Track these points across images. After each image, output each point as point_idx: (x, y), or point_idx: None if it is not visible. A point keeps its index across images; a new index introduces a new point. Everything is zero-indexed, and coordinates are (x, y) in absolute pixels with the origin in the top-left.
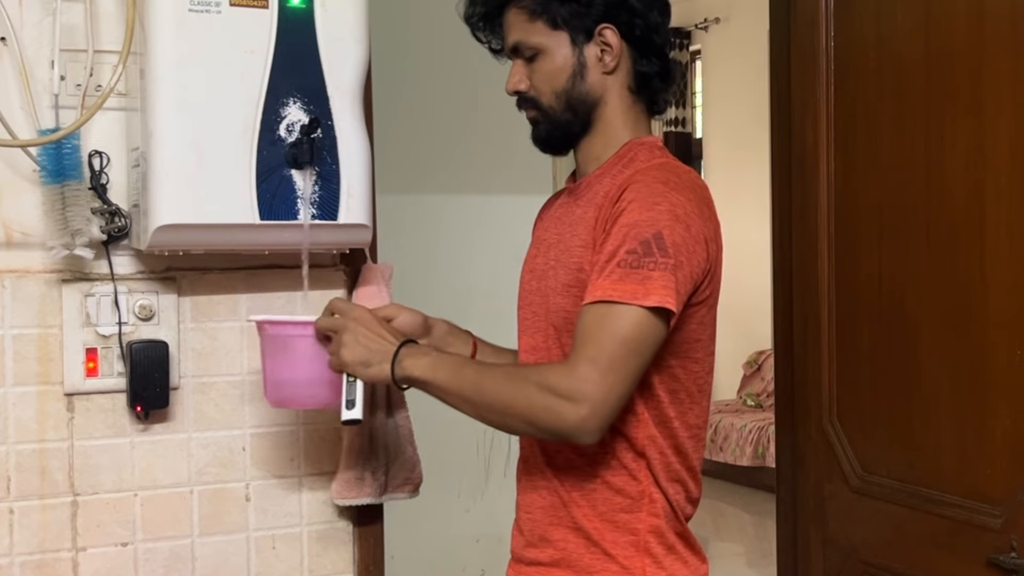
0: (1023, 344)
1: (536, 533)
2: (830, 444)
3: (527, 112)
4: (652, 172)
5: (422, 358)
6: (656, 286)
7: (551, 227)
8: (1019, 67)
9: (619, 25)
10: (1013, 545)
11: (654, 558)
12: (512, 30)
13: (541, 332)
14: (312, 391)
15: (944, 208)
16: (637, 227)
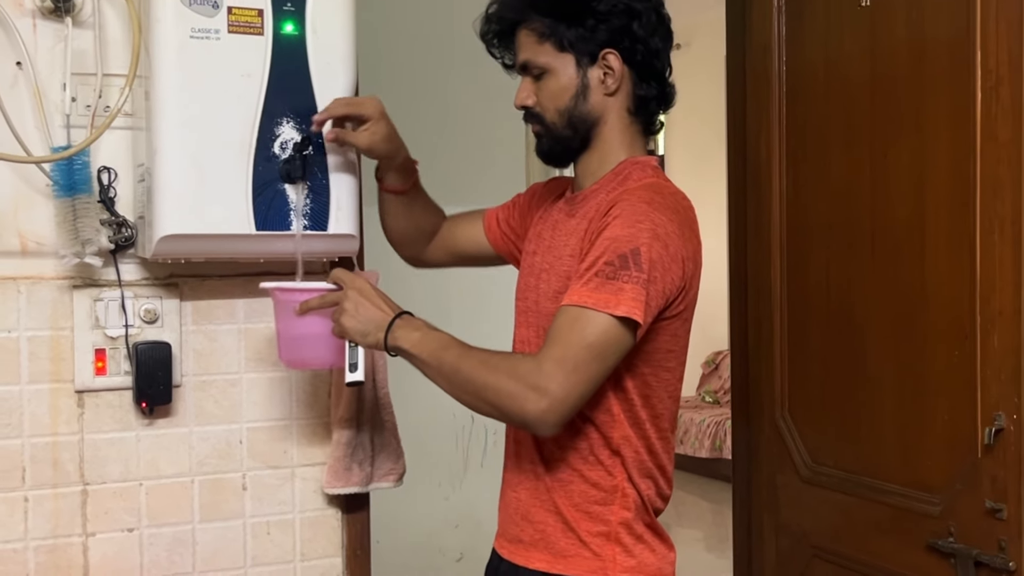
0: (960, 346)
1: (520, 512)
2: (782, 437)
3: (532, 126)
4: (640, 192)
5: (412, 332)
6: (627, 298)
7: (547, 232)
8: (956, 90)
9: (622, 50)
10: (951, 531)
11: (624, 547)
12: (522, 49)
13: (532, 329)
14: (318, 352)
15: (888, 221)
16: (618, 241)
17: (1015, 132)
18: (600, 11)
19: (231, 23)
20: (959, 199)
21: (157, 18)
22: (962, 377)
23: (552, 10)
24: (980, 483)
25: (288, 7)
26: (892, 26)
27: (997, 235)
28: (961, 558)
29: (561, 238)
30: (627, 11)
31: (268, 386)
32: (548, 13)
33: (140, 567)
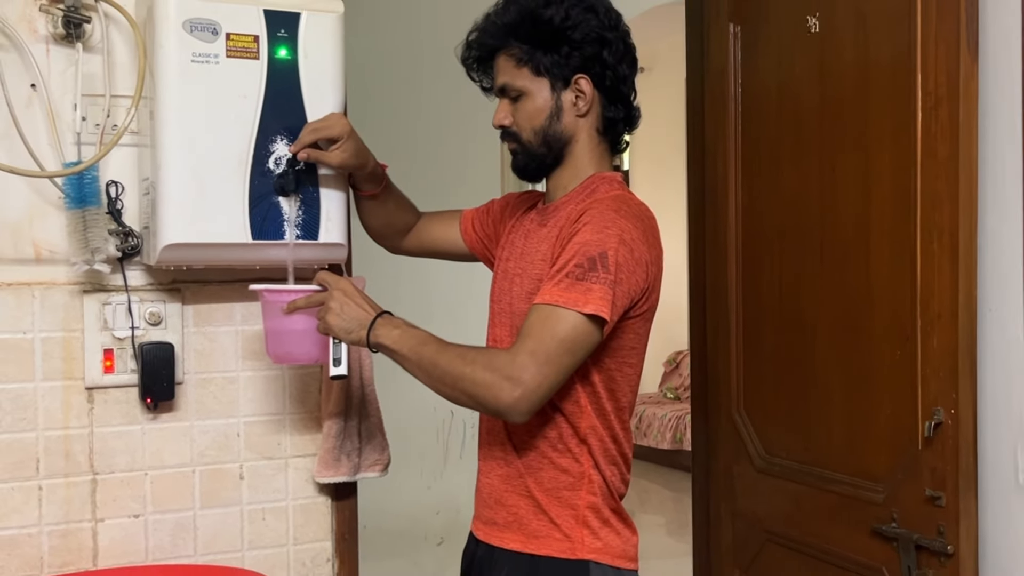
0: (902, 347)
1: (494, 496)
2: (738, 431)
3: (509, 144)
4: (608, 202)
5: (392, 330)
6: (595, 297)
7: (519, 240)
8: (898, 110)
9: (592, 76)
10: (894, 517)
11: (591, 530)
12: (501, 73)
13: (505, 328)
14: (304, 347)
15: (835, 230)
16: (587, 245)
17: (952, 149)
18: (574, 39)
19: (229, 48)
20: (901, 211)
21: (161, 44)
22: (904, 375)
23: (530, 38)
24: (920, 473)
25: (282, 34)
26: (839, 51)
27: (936, 244)
28: (903, 542)
29: (533, 245)
30: (598, 40)
31: (263, 383)
32: (526, 40)
33: (145, 550)
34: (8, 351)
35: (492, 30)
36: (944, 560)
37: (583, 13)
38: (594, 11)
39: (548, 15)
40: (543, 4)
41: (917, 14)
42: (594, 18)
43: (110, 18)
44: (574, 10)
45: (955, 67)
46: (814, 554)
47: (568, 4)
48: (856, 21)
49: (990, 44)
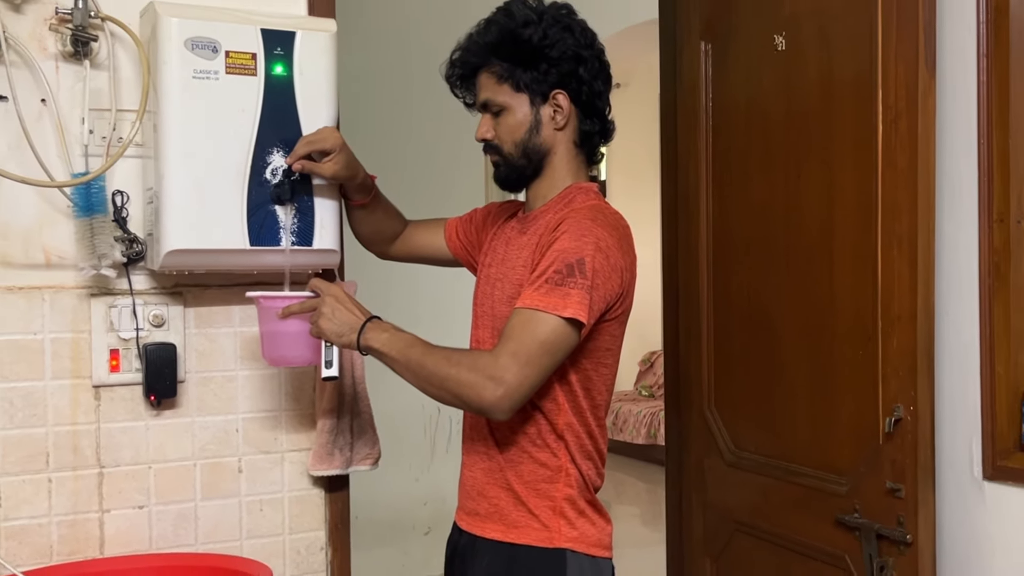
0: (863, 347)
1: (476, 488)
2: (708, 427)
3: (491, 156)
4: (585, 211)
5: (381, 334)
6: (573, 301)
7: (500, 247)
8: (860, 123)
9: (569, 91)
10: (856, 508)
11: (568, 520)
12: (483, 90)
13: (487, 330)
14: (298, 350)
15: (801, 237)
16: (565, 253)
17: (911, 160)
18: (552, 57)
19: (228, 65)
20: (862, 219)
21: (164, 61)
22: (865, 374)
23: (510, 56)
24: (881, 466)
25: (278, 52)
26: (804, 67)
27: (896, 250)
28: (865, 532)
29: (514, 252)
30: (575, 58)
31: (260, 382)
32: (507, 58)
33: (149, 539)
34: (19, 351)
35: (474, 49)
36: (903, 549)
37: (560, 32)
38: (570, 31)
39: (527, 34)
40: (522, 24)
41: (878, 33)
42: (570, 37)
43: (116, 37)
44: (551, 30)
45: (914, 83)
46: (781, 543)
47: (546, 24)
48: (820, 39)
49: (947, 61)
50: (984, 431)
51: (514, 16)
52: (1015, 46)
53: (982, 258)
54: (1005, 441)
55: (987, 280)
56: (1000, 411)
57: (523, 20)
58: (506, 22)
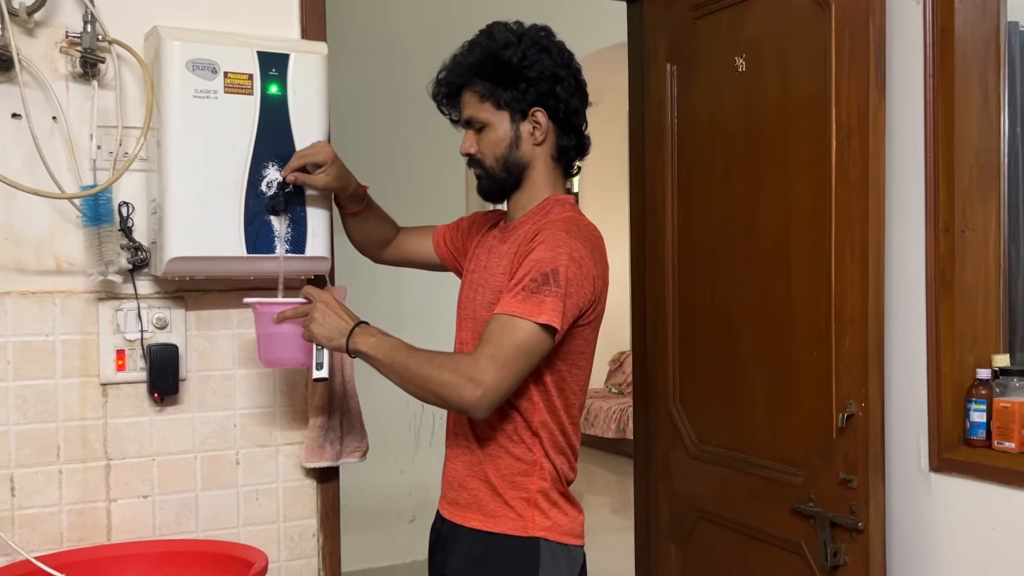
0: (818, 348)
1: (457, 480)
2: (674, 422)
3: (474, 170)
4: (560, 223)
5: (368, 338)
6: (547, 308)
7: (483, 255)
8: (815, 140)
9: (547, 108)
10: (811, 497)
11: (542, 511)
12: (466, 107)
13: (469, 332)
14: (291, 353)
15: (760, 245)
16: (541, 262)
17: (863, 174)
18: (531, 77)
19: (227, 85)
20: (817, 228)
21: (167, 81)
22: (820, 372)
23: (491, 76)
24: (835, 459)
25: (273, 72)
26: (763, 87)
27: (848, 257)
28: (819, 519)
29: (495, 259)
30: (552, 77)
31: (257, 380)
32: (488, 78)
33: (153, 527)
34: (32, 352)
35: (458, 69)
36: (855, 535)
37: (538, 53)
38: (548, 52)
39: (507, 56)
40: (502, 46)
41: (831, 55)
42: (548, 58)
43: (122, 59)
44: (530, 51)
45: (865, 102)
46: (741, 530)
47: (525, 45)
48: (778, 61)
49: (896, 81)
50: (930, 426)
51: (495, 38)
52: (959, 67)
53: (929, 265)
54: (950, 435)
55: (933, 285)
56: (945, 407)
57: (503, 42)
58: (488, 44)
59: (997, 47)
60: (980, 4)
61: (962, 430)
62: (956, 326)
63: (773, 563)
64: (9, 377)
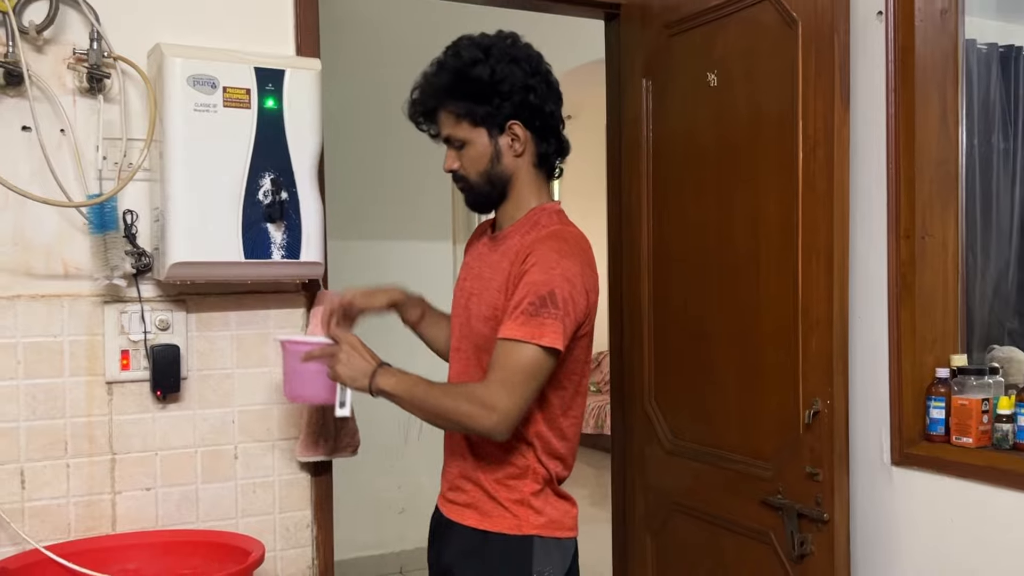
0: (786, 348)
1: (453, 482)
2: (649, 418)
3: (459, 185)
4: (550, 242)
5: (390, 378)
6: (548, 331)
7: (475, 261)
8: (782, 151)
9: (523, 120)
10: (779, 490)
11: (535, 510)
12: (444, 126)
13: (466, 339)
14: (315, 391)
15: (730, 252)
16: (537, 285)
17: (828, 184)
18: (503, 91)
19: (225, 99)
20: (785, 235)
21: (169, 96)
22: (788, 371)
23: (464, 95)
24: (802, 453)
25: (269, 87)
26: (734, 102)
27: (814, 263)
28: (787, 511)
29: (487, 269)
30: (524, 88)
31: (254, 379)
32: (461, 98)
33: (156, 518)
34: (41, 352)
35: (430, 91)
36: (821, 526)
37: (508, 66)
38: (516, 62)
39: (477, 74)
40: (471, 63)
41: (798, 72)
42: (518, 69)
43: (126, 74)
44: (499, 65)
45: (830, 116)
46: (713, 521)
47: (494, 60)
48: (748, 77)
49: (860, 97)
50: (892, 422)
51: (462, 57)
52: (919, 82)
53: (890, 269)
54: (911, 431)
55: (895, 289)
56: (906, 405)
57: (471, 60)
58: (455, 64)
59: (955, 64)
60: (939, 23)
61: (922, 426)
62: (916, 328)
63: (743, 552)
64: (19, 376)
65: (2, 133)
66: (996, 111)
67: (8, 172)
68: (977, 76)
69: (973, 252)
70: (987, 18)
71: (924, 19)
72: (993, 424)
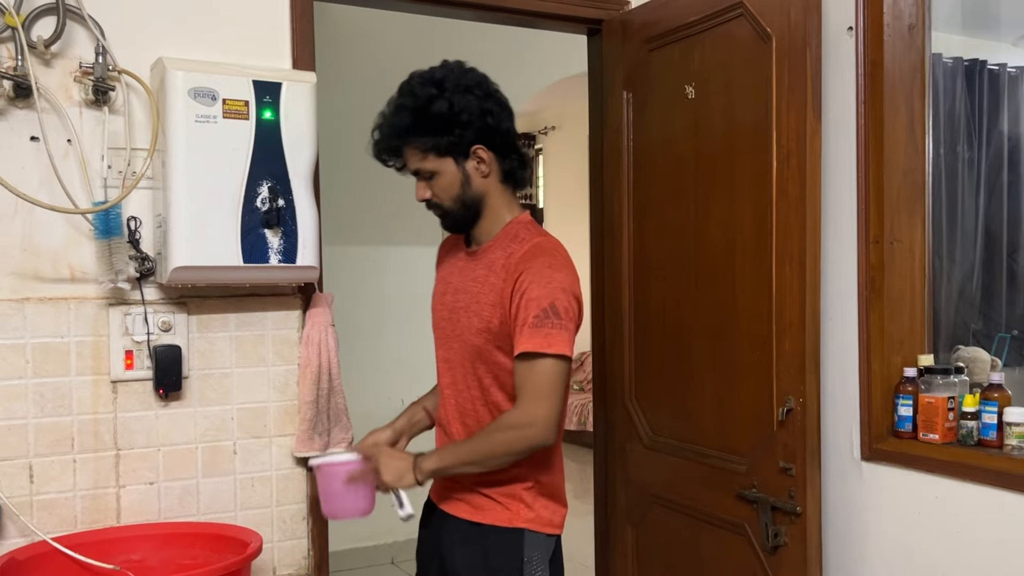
0: (761, 349)
1: (444, 483)
2: (630, 416)
3: (435, 212)
4: (541, 258)
5: (430, 464)
6: (556, 340)
7: (454, 275)
8: (757, 160)
9: (485, 142)
10: (754, 484)
11: (527, 504)
12: (411, 161)
13: (457, 351)
14: (356, 505)
15: (708, 256)
16: (538, 300)
17: (801, 191)
18: (463, 121)
19: (225, 111)
20: (760, 240)
21: (171, 107)
22: (762, 371)
23: (428, 131)
24: (775, 449)
25: (267, 99)
26: (711, 113)
27: (788, 267)
28: (761, 504)
29: (472, 284)
30: (481, 113)
31: (252, 378)
32: (424, 134)
33: (159, 511)
34: (49, 352)
35: (393, 133)
36: (794, 518)
37: (463, 96)
38: (470, 90)
39: (436, 109)
40: (428, 100)
41: (772, 85)
42: (472, 96)
43: (130, 87)
44: (455, 96)
45: (803, 126)
46: (691, 514)
47: (449, 93)
48: (724, 89)
49: (831, 109)
50: (862, 419)
51: (419, 95)
52: (888, 95)
53: (860, 273)
54: (880, 428)
55: (865, 292)
56: (876, 402)
57: (428, 97)
58: (414, 103)
59: (922, 77)
60: (907, 37)
61: (891, 423)
62: (885, 329)
63: (720, 543)
64: (28, 375)
65: (12, 143)
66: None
67: (17, 180)
68: (943, 89)
69: (939, 257)
70: (953, 33)
71: (892, 34)
72: (958, 421)
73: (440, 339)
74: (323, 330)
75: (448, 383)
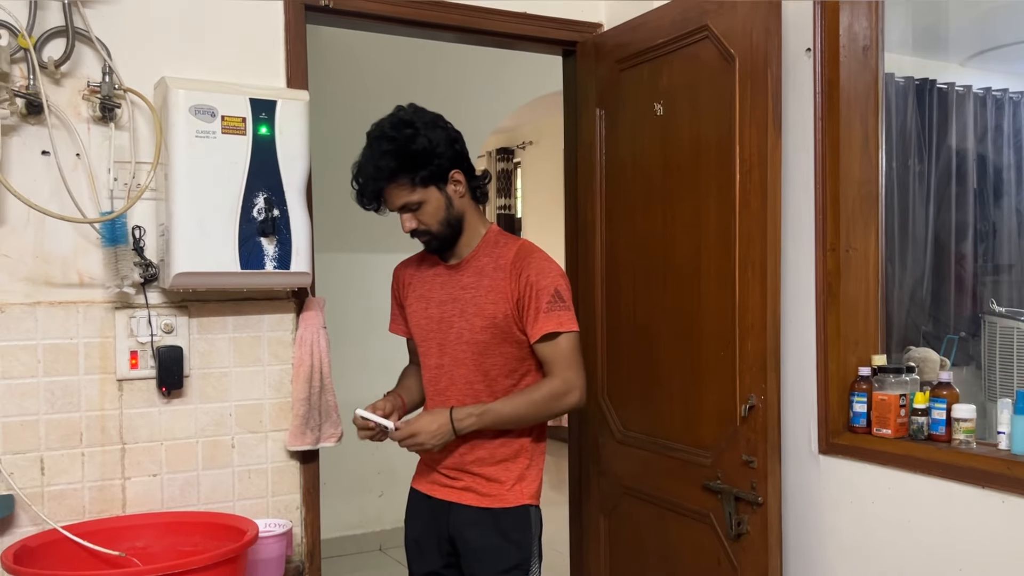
0: (725, 349)
1: (446, 471)
2: (603, 412)
3: (422, 239)
4: (535, 253)
5: (467, 419)
6: (567, 320)
7: (436, 290)
8: (722, 173)
9: (459, 166)
10: (718, 475)
11: (528, 480)
12: (396, 198)
13: (461, 353)
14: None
15: (675, 262)
16: (546, 289)
17: (762, 203)
18: (440, 151)
19: (223, 127)
20: (724, 248)
21: (173, 123)
22: (726, 370)
23: (413, 166)
24: (738, 443)
25: (263, 116)
26: (678, 129)
27: (750, 272)
28: (725, 495)
29: (464, 292)
30: (449, 141)
31: (249, 376)
32: (408, 171)
33: (161, 501)
34: (59, 352)
35: (380, 176)
36: (756, 508)
37: (435, 131)
38: (435, 124)
39: (417, 147)
40: (408, 140)
41: (736, 102)
42: (439, 129)
43: (135, 104)
44: (429, 132)
45: (764, 141)
46: (659, 504)
47: (425, 130)
48: (691, 106)
49: (791, 125)
50: (819, 415)
51: (396, 138)
52: (844, 112)
53: (818, 279)
54: (836, 423)
55: (822, 296)
56: (832, 399)
57: (406, 137)
58: (395, 146)
59: (876, 95)
60: (862, 58)
61: (846, 419)
62: (841, 331)
63: (686, 531)
64: (40, 374)
65: (24, 157)
66: (912, 137)
67: (30, 192)
68: (896, 106)
69: (892, 263)
70: (904, 54)
71: (848, 55)
72: (910, 417)
73: (430, 349)
74: (315, 332)
75: (446, 386)
